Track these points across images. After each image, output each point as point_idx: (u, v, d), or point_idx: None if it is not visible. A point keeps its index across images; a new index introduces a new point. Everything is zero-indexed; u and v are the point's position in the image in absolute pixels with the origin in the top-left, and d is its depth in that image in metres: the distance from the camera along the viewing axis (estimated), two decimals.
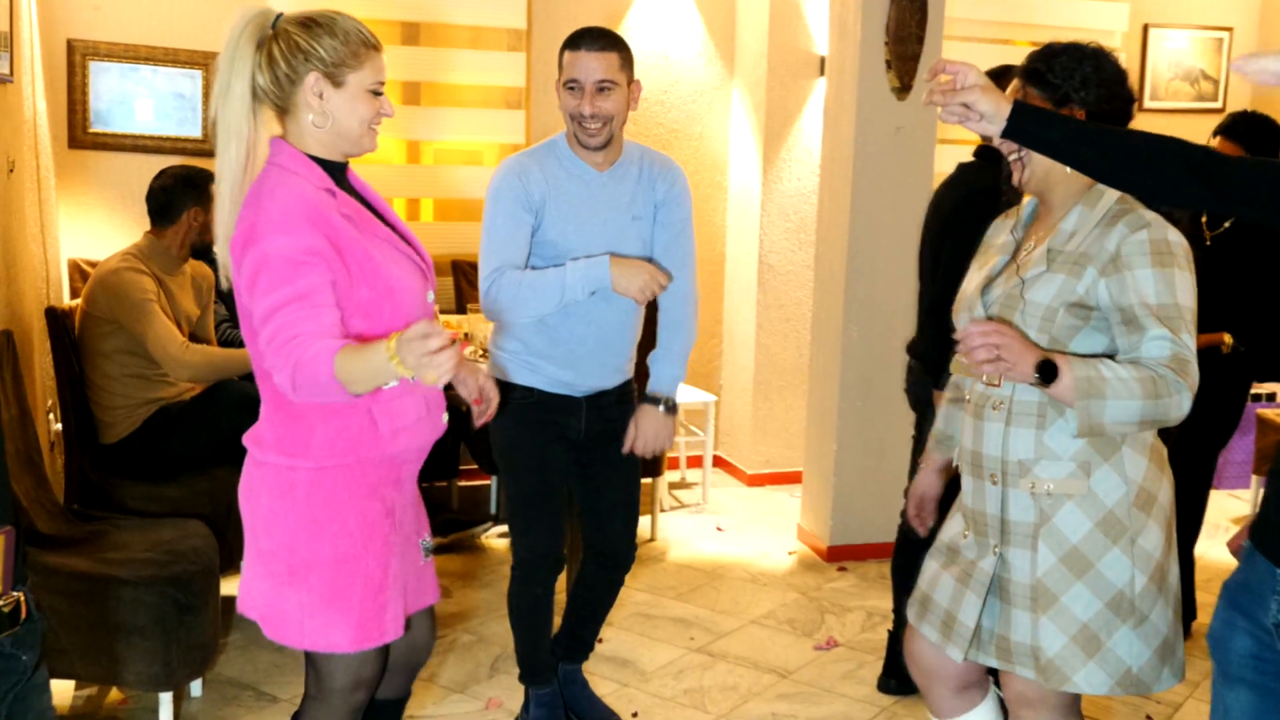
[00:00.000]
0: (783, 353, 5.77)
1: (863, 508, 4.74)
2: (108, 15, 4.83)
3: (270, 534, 2.19)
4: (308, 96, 2.10)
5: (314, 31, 2.09)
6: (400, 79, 5.48)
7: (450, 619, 4.09)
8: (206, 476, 3.76)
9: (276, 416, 2.18)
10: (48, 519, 3.22)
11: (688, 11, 5.71)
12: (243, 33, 2.07)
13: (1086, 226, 2.17)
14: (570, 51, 2.87)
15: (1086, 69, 2.22)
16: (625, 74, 2.87)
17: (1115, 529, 2.15)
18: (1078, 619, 2.14)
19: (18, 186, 3.79)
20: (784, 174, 5.65)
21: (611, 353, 3.05)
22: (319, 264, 2.03)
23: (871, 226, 4.59)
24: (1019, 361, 2.03)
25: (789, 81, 5.58)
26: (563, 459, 3.11)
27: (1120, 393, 2.02)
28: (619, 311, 2.99)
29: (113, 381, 3.72)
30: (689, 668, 3.77)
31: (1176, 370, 2.04)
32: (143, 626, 3.02)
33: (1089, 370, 2.03)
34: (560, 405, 3.03)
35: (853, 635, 4.05)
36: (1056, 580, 2.16)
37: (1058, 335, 2.15)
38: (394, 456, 2.23)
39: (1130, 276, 2.09)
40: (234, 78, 2.06)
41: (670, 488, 5.72)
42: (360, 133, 2.17)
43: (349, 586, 2.18)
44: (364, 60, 2.12)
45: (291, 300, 1.98)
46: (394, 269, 2.17)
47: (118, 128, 4.91)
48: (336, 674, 2.26)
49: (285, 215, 2.03)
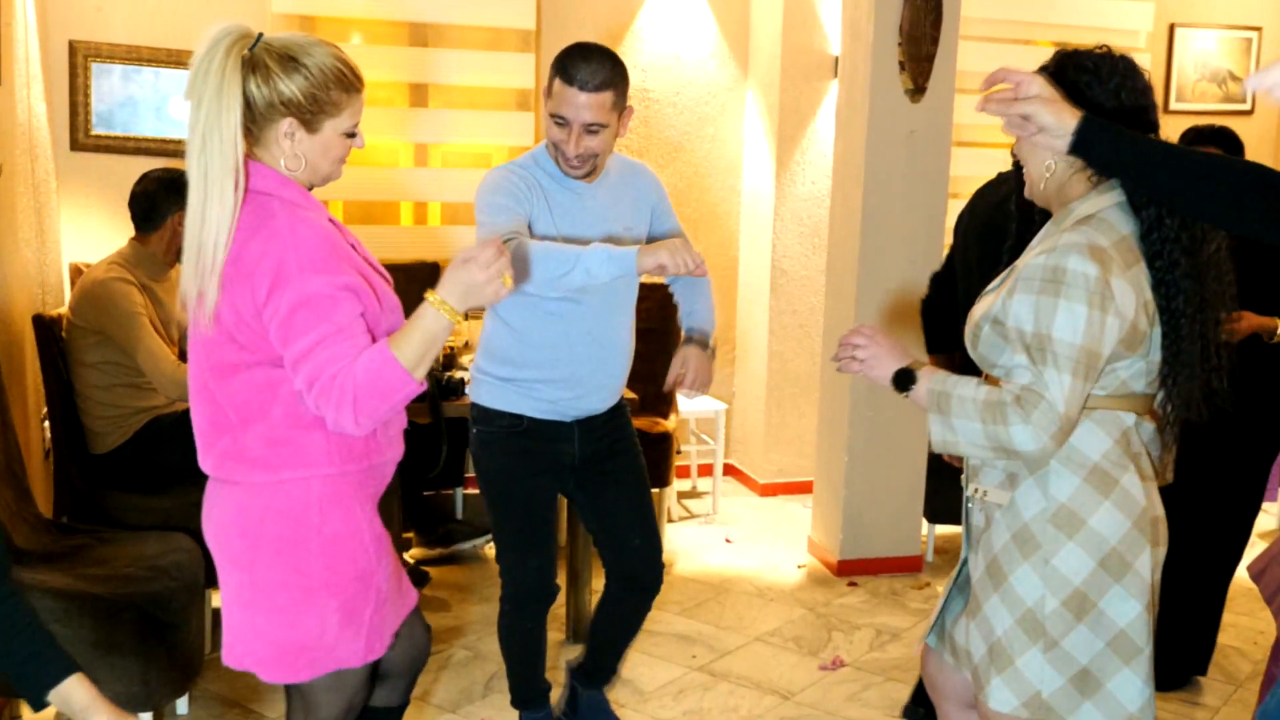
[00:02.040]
0: (796, 359, 5.65)
1: (874, 521, 4.62)
2: (110, 17, 4.76)
3: (281, 563, 2.10)
4: (279, 137, 2.04)
5: (291, 72, 2.00)
6: (408, 81, 5.39)
7: (447, 634, 4.00)
8: (198, 487, 3.63)
9: (281, 429, 2.07)
10: (29, 532, 3.14)
11: (700, 12, 5.59)
12: (227, 57, 1.95)
13: (1043, 245, 2.06)
14: (562, 82, 2.67)
15: (1108, 79, 2.07)
16: (617, 111, 2.72)
17: (1028, 544, 2.06)
18: (994, 631, 2.10)
19: (8, 190, 3.73)
20: (798, 177, 5.53)
21: (610, 373, 2.92)
22: (353, 299, 2.01)
23: (884, 232, 4.47)
24: (876, 366, 2.12)
25: (803, 83, 5.46)
26: (552, 490, 3.00)
27: (963, 413, 2.01)
28: (619, 330, 2.89)
29: (101, 391, 3.64)
30: (689, 688, 3.66)
31: (1021, 401, 1.96)
32: (121, 645, 2.93)
33: (941, 386, 2.05)
34: (550, 432, 2.90)
35: (860, 654, 3.93)
36: (982, 588, 2.14)
37: (984, 352, 2.12)
38: (386, 464, 2.21)
39: (1015, 300, 2.01)
40: (225, 110, 1.94)
41: (680, 497, 5.61)
42: (329, 170, 2.14)
43: (364, 602, 2.16)
44: (342, 107, 2.06)
45: (330, 335, 1.97)
46: (386, 293, 2.15)
47: (120, 130, 4.85)
48: (332, 703, 2.21)
49: (313, 252, 2.00)
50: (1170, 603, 3.69)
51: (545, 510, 2.99)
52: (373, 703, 2.48)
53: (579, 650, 3.78)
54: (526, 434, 2.89)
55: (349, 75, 2.06)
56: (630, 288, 2.92)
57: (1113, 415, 2.05)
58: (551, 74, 2.70)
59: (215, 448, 2.14)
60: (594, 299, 2.81)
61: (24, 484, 3.25)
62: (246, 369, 2.06)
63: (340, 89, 2.05)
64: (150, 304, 3.66)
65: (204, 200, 1.96)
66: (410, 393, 1.97)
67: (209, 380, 2.10)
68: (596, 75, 2.64)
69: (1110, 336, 1.97)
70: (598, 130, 2.68)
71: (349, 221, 5.39)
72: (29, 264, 4.06)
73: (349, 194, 5.27)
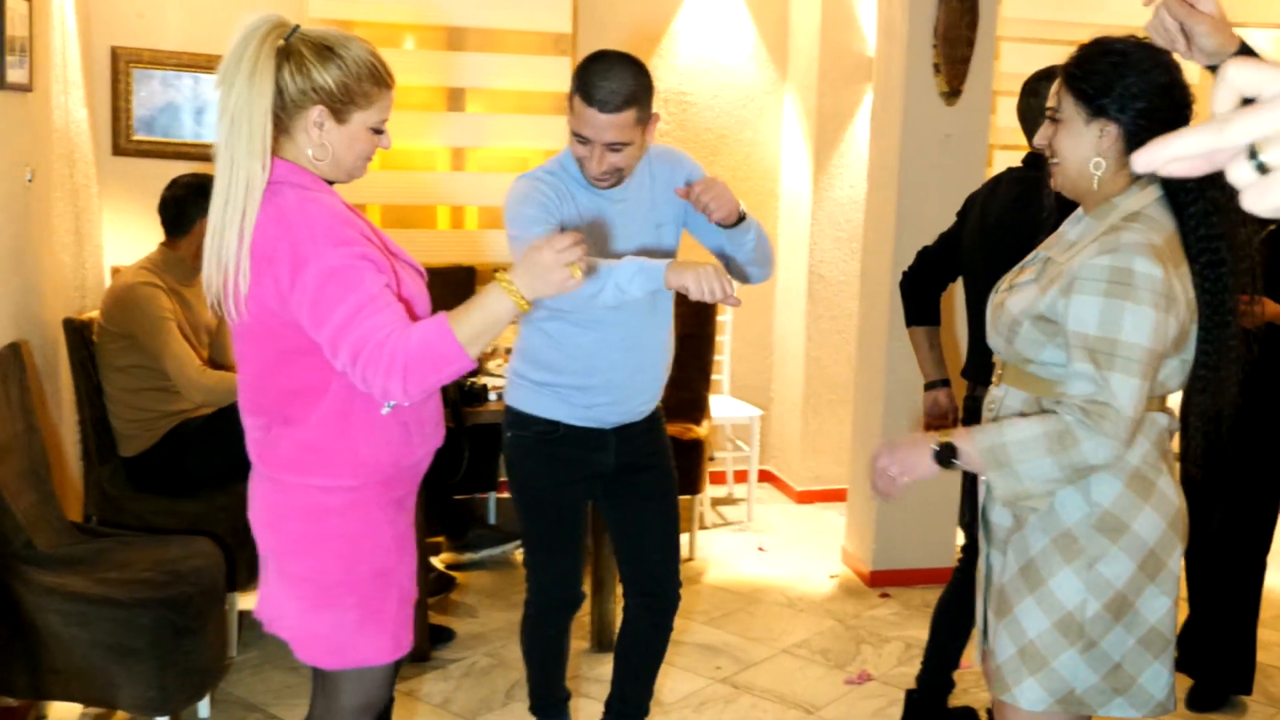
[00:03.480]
0: (833, 365, 5.58)
1: (908, 532, 4.55)
2: (151, 23, 4.82)
3: (302, 559, 2.16)
4: (308, 125, 2.04)
5: (327, 61, 2.01)
6: (444, 85, 5.40)
7: (471, 640, 3.98)
8: (225, 492, 3.69)
9: (315, 436, 2.10)
10: (52, 535, 3.17)
11: (738, 13, 5.54)
12: (262, 43, 1.97)
13: (1086, 239, 2.04)
14: (582, 101, 2.56)
15: (1129, 79, 2.01)
16: (641, 125, 2.61)
17: (1070, 549, 2.05)
18: (1026, 633, 2.09)
19: (41, 196, 3.77)
20: (835, 181, 5.47)
21: (648, 379, 2.86)
22: (373, 268, 2.01)
23: (919, 237, 4.35)
24: (914, 467, 2.04)
25: (841, 86, 5.39)
26: (583, 499, 2.96)
27: (1028, 454, 1.95)
28: (656, 335, 2.83)
29: (129, 395, 3.68)
30: (711, 700, 3.62)
31: (1088, 414, 1.92)
32: (137, 649, 2.95)
33: (990, 440, 1.97)
34: (587, 439, 2.84)
35: (887, 669, 3.86)
36: (1014, 589, 2.11)
37: (1021, 348, 2.08)
38: (416, 465, 2.23)
39: (1075, 302, 1.96)
40: (256, 94, 1.95)
41: (715, 504, 5.56)
42: (353, 165, 2.13)
43: (385, 600, 2.19)
44: (373, 99, 2.07)
45: (366, 304, 1.96)
46: (408, 280, 2.14)
47: (160, 135, 4.90)
48: (352, 693, 2.24)
49: (328, 227, 2.00)
50: (1203, 615, 3.60)
51: (574, 517, 2.95)
52: None
53: (601, 660, 3.76)
54: (562, 440, 2.83)
55: (381, 70, 2.07)
56: (667, 293, 2.81)
57: (1150, 417, 2.03)
58: (572, 89, 2.61)
59: (254, 438, 2.19)
60: (630, 305, 2.70)
61: (48, 486, 3.28)
62: (277, 365, 2.10)
63: (372, 82, 2.05)
64: (179, 308, 3.69)
65: (228, 184, 1.97)
66: (462, 368, 1.96)
67: (249, 373, 2.16)
68: (617, 95, 2.53)
69: (1170, 338, 1.96)
70: (620, 148, 2.61)
71: (386, 225, 5.41)
72: (65, 268, 4.10)
73: (386, 198, 5.29)
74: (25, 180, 3.55)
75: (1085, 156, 2.03)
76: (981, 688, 3.58)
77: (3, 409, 3.08)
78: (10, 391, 3.16)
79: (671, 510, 3.02)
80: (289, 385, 2.11)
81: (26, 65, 3.53)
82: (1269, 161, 0.74)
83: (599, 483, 2.94)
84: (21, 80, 3.47)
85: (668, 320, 2.88)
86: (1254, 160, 0.75)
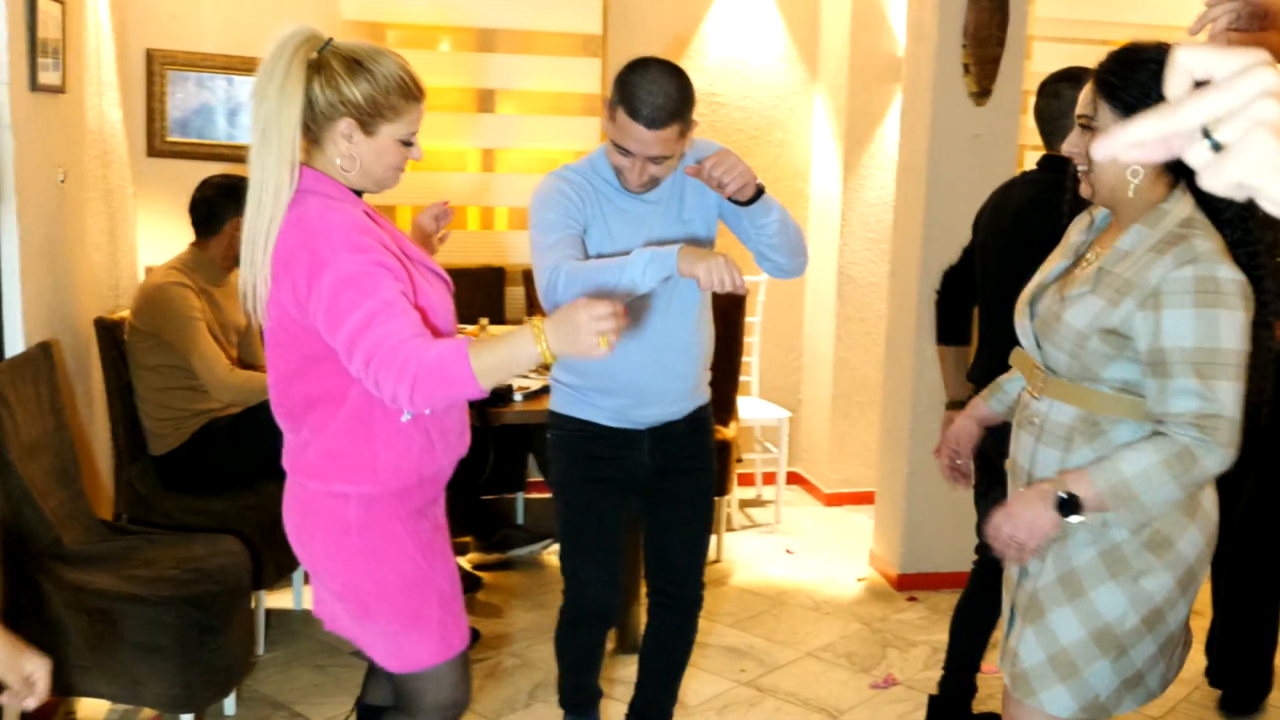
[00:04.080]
0: (863, 367, 5.55)
1: (936, 535, 4.51)
2: (186, 25, 4.86)
3: (334, 575, 2.22)
4: (337, 137, 2.08)
5: (356, 75, 2.04)
6: (475, 86, 5.42)
7: (496, 640, 3.99)
8: (252, 491, 3.73)
9: (337, 443, 2.14)
10: (80, 533, 3.20)
11: (769, 13, 5.52)
12: (294, 56, 2.02)
13: (1141, 248, 2.01)
14: (626, 115, 2.50)
15: None
16: (683, 137, 2.57)
17: (1119, 564, 2.05)
18: (1058, 640, 2.08)
19: (74, 197, 3.82)
20: (865, 182, 5.44)
21: (674, 379, 2.79)
22: (389, 275, 2.03)
23: (947, 239, 4.33)
24: (1037, 531, 2.01)
25: (872, 86, 5.36)
26: (620, 504, 2.89)
27: (1151, 484, 1.93)
28: (680, 332, 2.76)
29: (159, 394, 3.71)
30: (735, 703, 3.61)
31: (1204, 430, 1.90)
32: (162, 647, 2.98)
33: (1110, 479, 1.94)
34: (621, 440, 2.81)
35: (913, 673, 3.84)
36: (1050, 596, 2.10)
37: (1089, 363, 2.04)
38: (440, 472, 2.25)
39: (1167, 316, 1.93)
40: (286, 105, 2.00)
41: (743, 505, 5.55)
42: (382, 176, 2.16)
43: (425, 606, 2.22)
44: (401, 113, 2.09)
45: (380, 310, 1.98)
46: (430, 291, 2.16)
47: (194, 136, 4.95)
48: (428, 692, 2.29)
49: (346, 234, 2.03)
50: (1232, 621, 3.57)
51: (609, 520, 2.89)
52: (372, 701, 2.53)
53: (626, 662, 3.76)
54: (596, 439, 2.82)
55: (410, 84, 2.09)
56: (689, 287, 2.70)
57: None
58: (615, 99, 2.54)
59: (287, 441, 2.23)
60: (647, 302, 2.70)
61: (77, 484, 3.32)
62: (299, 371, 2.14)
63: (400, 95, 2.07)
64: (208, 308, 3.72)
65: (260, 191, 2.04)
66: (471, 394, 1.96)
67: (274, 378, 2.20)
68: (664, 111, 2.48)
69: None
70: (663, 160, 2.57)
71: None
72: (98, 268, 4.15)
73: (416, 198, 5.30)
74: (58, 181, 3.59)
75: (1123, 165, 2.00)
76: None
77: (33, 407, 3.12)
78: (40, 390, 3.20)
79: (703, 515, 2.98)
80: (309, 391, 2.14)
81: (60, 68, 3.57)
82: (1222, 140, 0.77)
83: (636, 484, 2.88)
84: (54, 82, 3.51)
85: (690, 320, 2.79)
86: (1209, 140, 0.77)
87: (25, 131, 3.22)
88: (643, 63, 2.55)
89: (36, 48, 3.31)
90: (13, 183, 3.13)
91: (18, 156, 3.15)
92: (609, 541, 2.90)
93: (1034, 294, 2.21)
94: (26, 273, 3.22)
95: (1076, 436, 2.07)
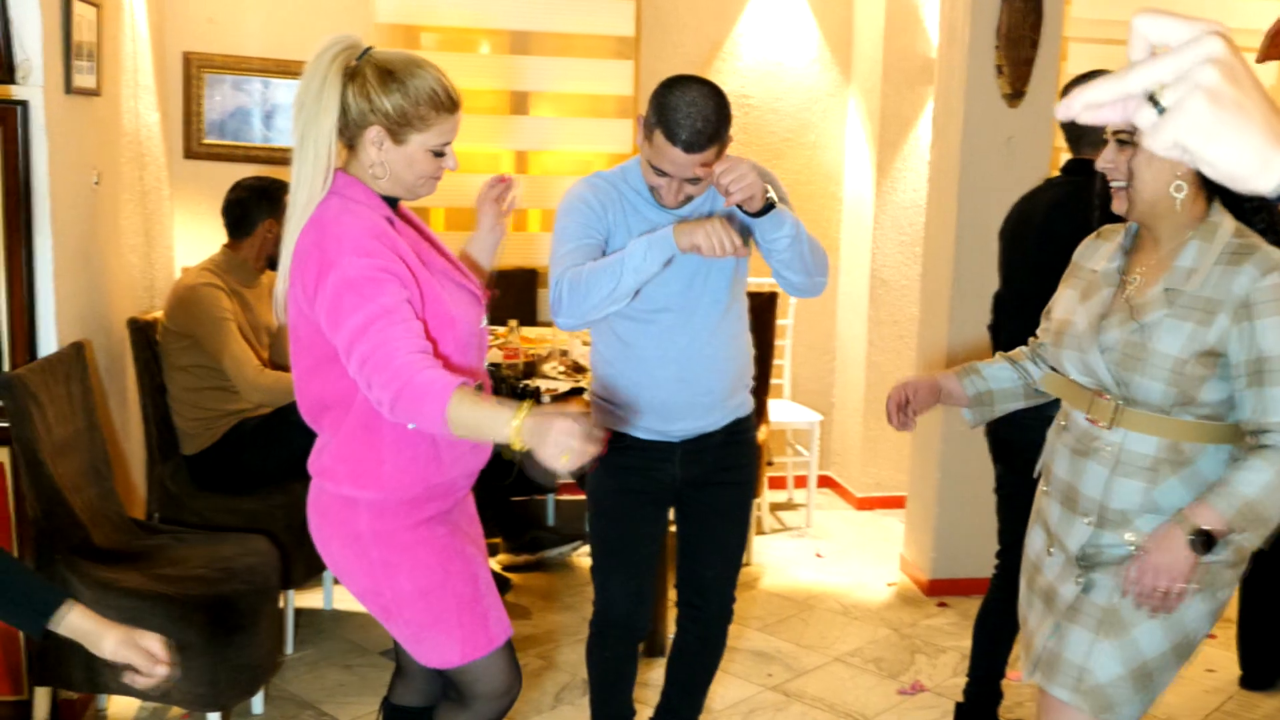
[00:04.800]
0: (895, 370, 5.51)
1: (967, 540, 4.47)
2: (222, 29, 4.91)
3: (352, 581, 2.26)
4: (368, 144, 2.11)
5: (387, 85, 2.07)
6: (508, 88, 5.43)
7: (523, 642, 4.00)
8: (282, 490, 3.75)
9: (346, 447, 2.18)
10: (110, 531, 3.24)
11: (802, 15, 5.50)
12: (331, 65, 2.06)
13: (1206, 263, 2.00)
14: (665, 138, 2.44)
15: None
16: (721, 154, 2.51)
17: (1205, 580, 2.06)
18: (1142, 654, 2.07)
19: (109, 198, 3.86)
20: (898, 184, 5.40)
21: (701, 392, 2.71)
22: (396, 282, 2.04)
23: (979, 242, 4.31)
24: (1179, 575, 1.98)
25: (905, 88, 5.32)
26: (651, 513, 2.84)
27: (1276, 497, 1.94)
28: (703, 345, 2.68)
29: (191, 394, 3.74)
30: (761, 707, 3.59)
31: None
32: (188, 645, 2.99)
33: (1233, 503, 1.94)
34: (653, 452, 2.77)
35: (941, 680, 3.80)
36: (1133, 611, 2.07)
37: (1187, 388, 2.01)
38: (450, 484, 2.25)
39: (1262, 325, 1.94)
40: (322, 112, 2.05)
41: (774, 508, 5.52)
42: (414, 184, 2.18)
43: (444, 609, 2.24)
44: (430, 124, 2.11)
45: (380, 315, 1.99)
46: (451, 300, 2.17)
47: (230, 139, 4.99)
48: (475, 684, 2.31)
49: (356, 237, 2.06)
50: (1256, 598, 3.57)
51: (640, 532, 2.84)
52: (399, 701, 2.54)
53: (651, 665, 3.75)
54: (629, 451, 2.77)
55: (442, 96, 2.11)
56: (715, 299, 2.67)
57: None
58: (652, 120, 2.47)
59: (314, 441, 2.27)
60: (665, 318, 2.65)
61: (108, 483, 3.35)
62: (313, 372, 2.18)
63: (431, 106, 2.09)
64: (239, 309, 3.75)
65: (296, 195, 2.09)
66: (435, 429, 1.97)
67: (293, 379, 2.24)
68: (703, 134, 2.42)
69: None
70: (699, 180, 2.52)
71: (450, 228, 5.46)
72: (133, 269, 4.20)
73: (450, 200, 5.33)
74: (92, 183, 3.63)
75: (1167, 180, 2.01)
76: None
77: (64, 407, 3.16)
78: (72, 390, 3.23)
79: (737, 528, 2.92)
80: (321, 392, 2.18)
81: (95, 70, 3.61)
82: (1165, 104, 0.82)
83: (669, 496, 2.84)
84: (89, 85, 3.55)
85: (715, 334, 2.71)
86: (1154, 105, 0.82)
87: (59, 133, 3.26)
88: (680, 82, 2.48)
89: (71, 51, 3.35)
90: (47, 184, 3.17)
91: (52, 158, 3.19)
92: (638, 554, 2.85)
93: (1094, 325, 2.13)
94: (60, 273, 3.25)
95: (1163, 468, 2.05)
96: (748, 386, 2.85)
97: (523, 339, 4.32)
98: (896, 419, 2.46)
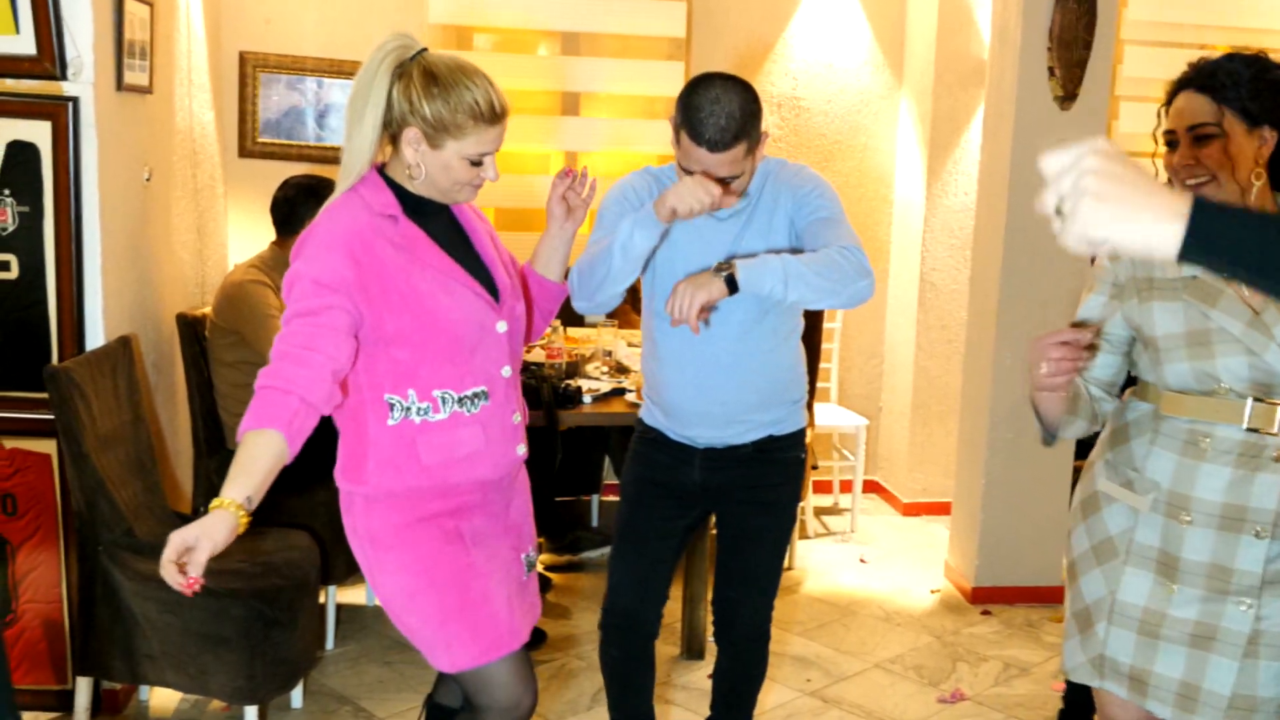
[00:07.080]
0: (943, 376, 5.46)
1: (1012, 548, 4.42)
2: (278, 29, 4.97)
3: (369, 574, 2.29)
4: (406, 144, 2.14)
5: (430, 90, 2.08)
6: (559, 89, 5.45)
7: (562, 642, 4.00)
8: (324, 487, 3.75)
9: (344, 442, 2.25)
10: (153, 524, 3.28)
11: (854, 17, 5.46)
12: (383, 62, 2.10)
13: None
14: (689, 139, 2.40)
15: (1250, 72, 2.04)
16: (751, 153, 2.46)
17: None
18: None
19: (161, 195, 3.91)
20: (949, 188, 5.34)
21: (714, 401, 2.63)
22: (339, 294, 2.07)
23: (1029, 247, 4.26)
24: None
25: (958, 90, 5.27)
26: (670, 507, 2.78)
27: None
28: (719, 355, 2.59)
29: (237, 390, 3.79)
30: (799, 712, 3.56)
31: None
32: (227, 639, 3.04)
33: None
34: (678, 452, 2.74)
35: (983, 689, 3.75)
36: None
37: None
38: (449, 487, 2.22)
39: None
40: (368, 107, 2.09)
41: (818, 513, 5.48)
42: (449, 189, 2.18)
43: (428, 613, 2.23)
44: (467, 133, 2.11)
45: (304, 314, 2.05)
46: (444, 299, 2.16)
47: (284, 138, 5.05)
48: (479, 692, 2.30)
49: (325, 241, 2.10)
50: None
51: (655, 524, 2.77)
52: (441, 700, 2.54)
53: (690, 668, 3.74)
54: (658, 446, 2.77)
55: (483, 108, 2.10)
56: (728, 309, 2.52)
57: None
58: (678, 121, 2.43)
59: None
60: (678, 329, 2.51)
61: (153, 477, 3.40)
62: None
63: (469, 116, 2.10)
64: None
65: (337, 188, 2.15)
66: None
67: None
68: (725, 133, 2.38)
69: None
70: (731, 180, 2.46)
71: (500, 228, 5.46)
72: (184, 265, 4.25)
73: (501, 201, 5.35)
74: (143, 179, 3.69)
75: (1248, 169, 2.04)
76: None
77: (110, 400, 3.20)
78: (119, 383, 3.28)
79: (767, 554, 2.79)
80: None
81: (147, 68, 3.67)
82: (1065, 211, 1.17)
83: (693, 498, 2.78)
84: (140, 83, 3.60)
85: (735, 343, 2.60)
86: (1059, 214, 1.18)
87: (110, 130, 3.31)
88: (703, 81, 2.44)
89: (123, 48, 3.40)
90: (96, 180, 3.22)
91: (101, 155, 3.24)
92: (649, 545, 2.78)
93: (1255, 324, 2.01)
94: (108, 268, 3.30)
95: None
96: (790, 403, 2.73)
97: (567, 339, 4.33)
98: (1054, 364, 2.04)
